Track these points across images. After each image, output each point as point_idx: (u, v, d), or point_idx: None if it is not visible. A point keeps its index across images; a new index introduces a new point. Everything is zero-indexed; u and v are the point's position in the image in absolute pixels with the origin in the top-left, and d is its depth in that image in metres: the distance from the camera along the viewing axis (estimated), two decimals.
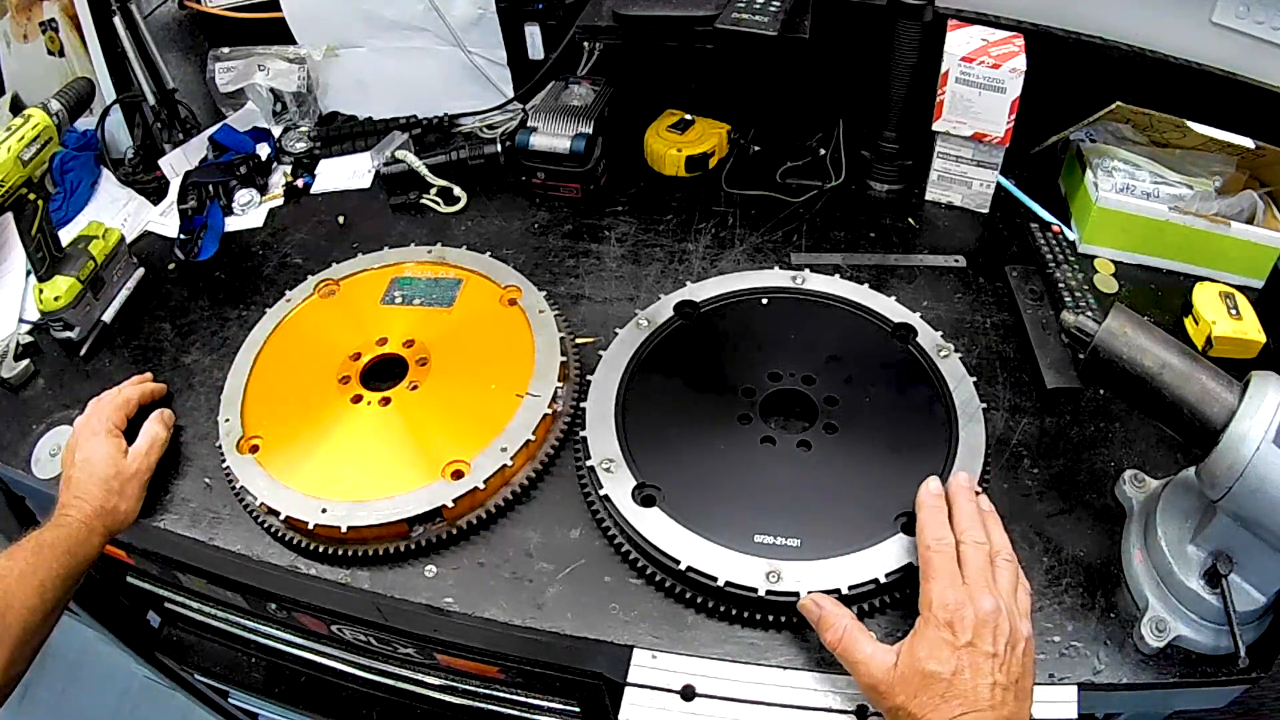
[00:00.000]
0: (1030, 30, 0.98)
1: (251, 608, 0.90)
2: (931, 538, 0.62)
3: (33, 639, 0.67)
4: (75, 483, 0.75)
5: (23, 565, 0.68)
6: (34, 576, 0.67)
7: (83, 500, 0.74)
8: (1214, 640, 0.63)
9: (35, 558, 0.68)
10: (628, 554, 0.70)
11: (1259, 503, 0.55)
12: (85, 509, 0.73)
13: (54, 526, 0.72)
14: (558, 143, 1.03)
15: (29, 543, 0.70)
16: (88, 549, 0.72)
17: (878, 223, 1.01)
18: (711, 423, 0.77)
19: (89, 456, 0.77)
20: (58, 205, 1.09)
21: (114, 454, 0.77)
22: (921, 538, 0.62)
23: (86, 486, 0.75)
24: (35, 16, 1.17)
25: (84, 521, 0.73)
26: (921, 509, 0.65)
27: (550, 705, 0.83)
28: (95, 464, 0.76)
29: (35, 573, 0.68)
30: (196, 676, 1.10)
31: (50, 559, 0.69)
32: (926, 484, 0.66)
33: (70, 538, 0.71)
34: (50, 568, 0.69)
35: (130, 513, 0.76)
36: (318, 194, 1.12)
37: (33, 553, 0.69)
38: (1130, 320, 0.60)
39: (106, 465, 0.76)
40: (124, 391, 0.83)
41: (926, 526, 0.63)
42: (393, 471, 0.74)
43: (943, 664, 0.55)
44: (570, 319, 0.90)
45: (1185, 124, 0.91)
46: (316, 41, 1.19)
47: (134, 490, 0.77)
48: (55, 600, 0.69)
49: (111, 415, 0.80)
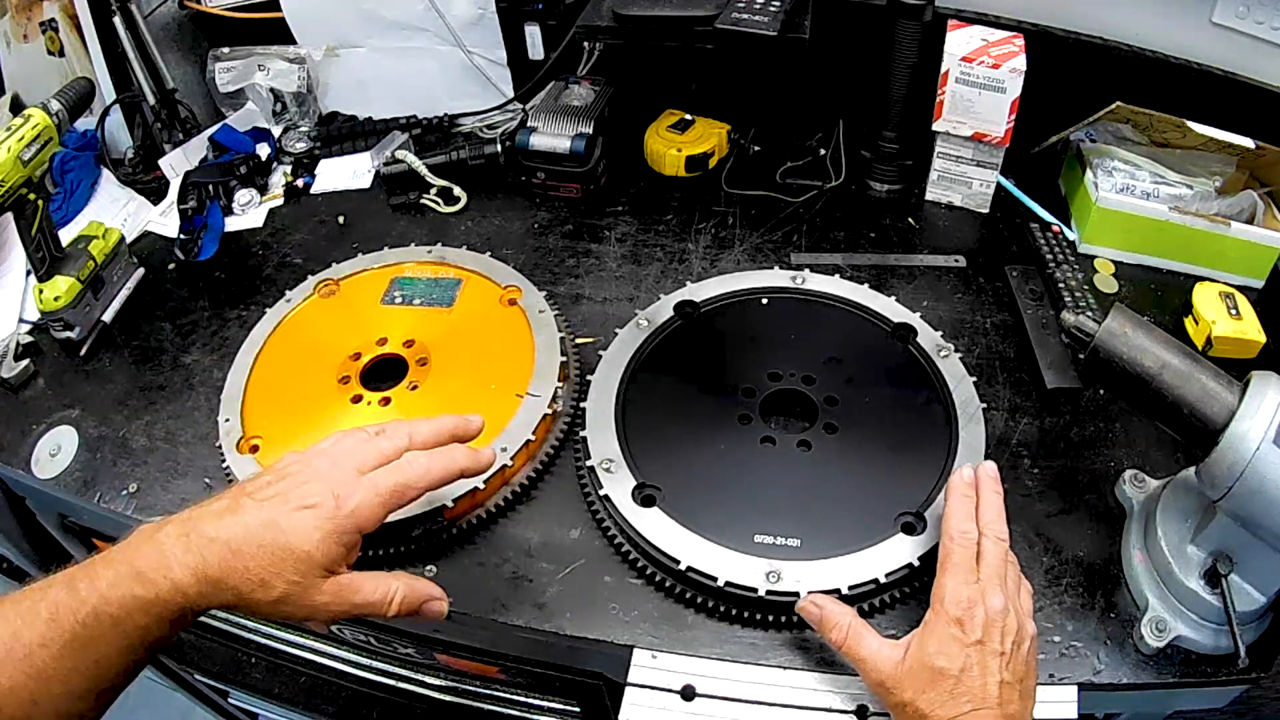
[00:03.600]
0: (1030, 30, 0.98)
1: None
2: (956, 530, 0.61)
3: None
4: (232, 524, 0.52)
5: (67, 638, 0.48)
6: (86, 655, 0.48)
7: (218, 560, 0.51)
8: (1214, 640, 0.63)
9: (90, 631, 0.48)
10: (628, 554, 0.70)
11: (1259, 503, 0.55)
12: (210, 571, 0.50)
13: (134, 579, 0.49)
14: (558, 143, 1.03)
15: (83, 608, 0.48)
16: (171, 628, 0.51)
17: (878, 223, 1.01)
18: (711, 423, 0.77)
19: (305, 508, 0.53)
20: (58, 205, 1.09)
21: (335, 551, 0.54)
22: (946, 526, 0.62)
23: (250, 548, 0.51)
24: (35, 16, 1.17)
25: (188, 591, 0.50)
26: (951, 495, 0.64)
27: (550, 705, 0.83)
28: (300, 533, 0.52)
29: (88, 651, 0.48)
30: (196, 676, 1.10)
31: (113, 635, 0.49)
32: (960, 471, 0.65)
33: (156, 606, 0.50)
34: (111, 646, 0.49)
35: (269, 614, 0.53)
36: (318, 194, 1.12)
37: (87, 623, 0.48)
38: (1130, 320, 0.60)
39: (313, 551, 0.52)
40: (451, 458, 0.59)
41: (953, 516, 0.62)
42: None
43: (951, 660, 0.55)
44: (570, 319, 0.90)
45: (1185, 124, 0.91)
46: (316, 41, 1.19)
47: (292, 610, 0.53)
48: (111, 684, 0.50)
49: (402, 486, 0.57)
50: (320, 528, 0.53)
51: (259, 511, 0.53)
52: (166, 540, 0.51)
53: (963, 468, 0.66)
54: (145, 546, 0.51)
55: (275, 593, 0.52)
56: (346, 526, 0.54)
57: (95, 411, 0.86)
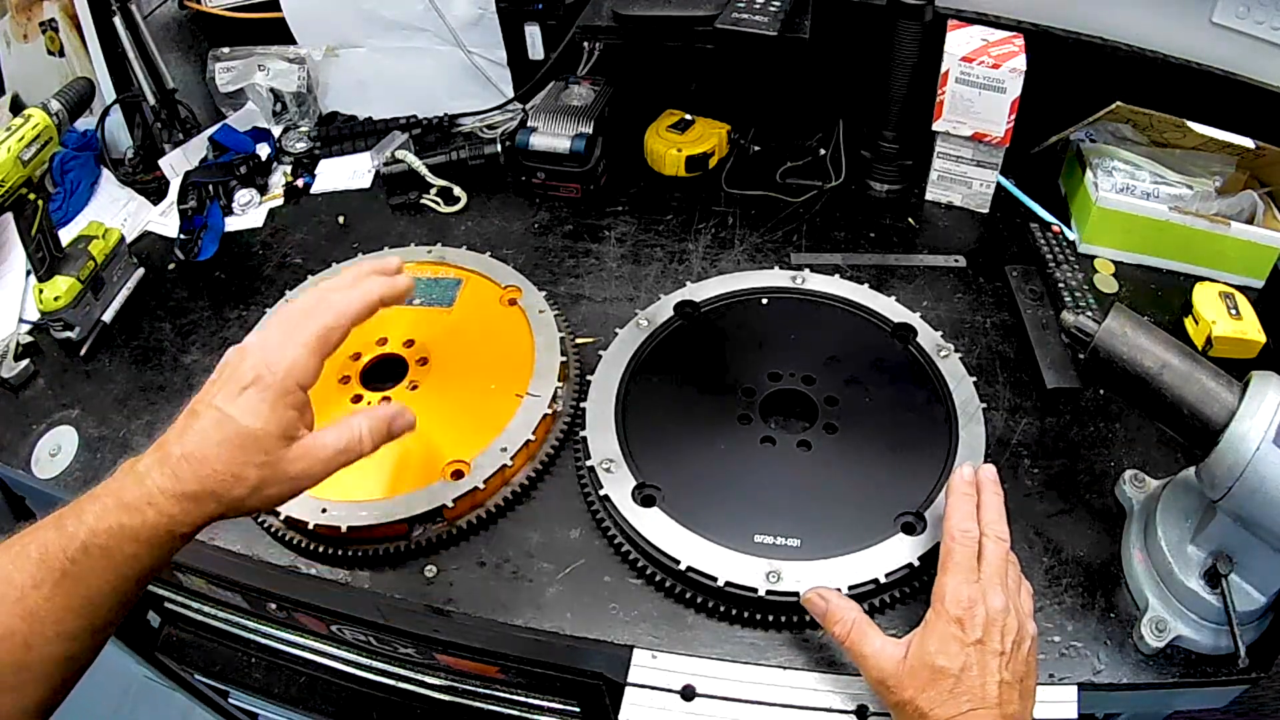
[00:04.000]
0: (1030, 30, 0.98)
1: (251, 608, 0.90)
2: (958, 529, 0.61)
3: (70, 673, 0.50)
4: (191, 434, 0.52)
5: (57, 576, 0.49)
6: (76, 592, 0.49)
7: (190, 473, 0.51)
8: (1214, 640, 0.63)
9: (80, 567, 0.49)
10: (628, 554, 0.70)
11: (1259, 503, 0.55)
12: (186, 487, 0.51)
13: (120, 509, 0.50)
14: (558, 143, 1.03)
15: (72, 543, 0.49)
16: (162, 552, 0.52)
17: (878, 223, 1.01)
18: (711, 423, 0.77)
19: (244, 389, 0.53)
20: (58, 205, 1.09)
21: (285, 415, 0.54)
22: (947, 526, 0.62)
23: (210, 449, 0.52)
24: (35, 16, 1.17)
25: (173, 514, 0.51)
26: (952, 494, 0.64)
27: (550, 705, 0.83)
28: (247, 414, 0.52)
29: (79, 587, 0.49)
30: (196, 676, 1.10)
31: (103, 567, 0.49)
32: (960, 470, 0.65)
33: (144, 532, 0.50)
34: (101, 579, 0.49)
35: (260, 505, 0.54)
36: (318, 194, 1.12)
37: (77, 558, 0.49)
38: (1130, 320, 0.60)
39: (266, 425, 0.52)
40: (366, 288, 0.57)
41: (954, 515, 0.62)
42: (393, 471, 0.74)
43: (952, 660, 0.55)
44: (570, 319, 0.90)
45: (1185, 124, 0.91)
46: (316, 41, 1.19)
47: (277, 491, 0.54)
48: (105, 621, 0.51)
49: (324, 327, 0.55)
50: (264, 399, 0.53)
51: (209, 412, 0.53)
52: (145, 469, 0.52)
53: (962, 467, 0.66)
54: (127, 479, 0.52)
55: (251, 481, 0.52)
56: (287, 387, 0.54)
57: (95, 411, 0.86)
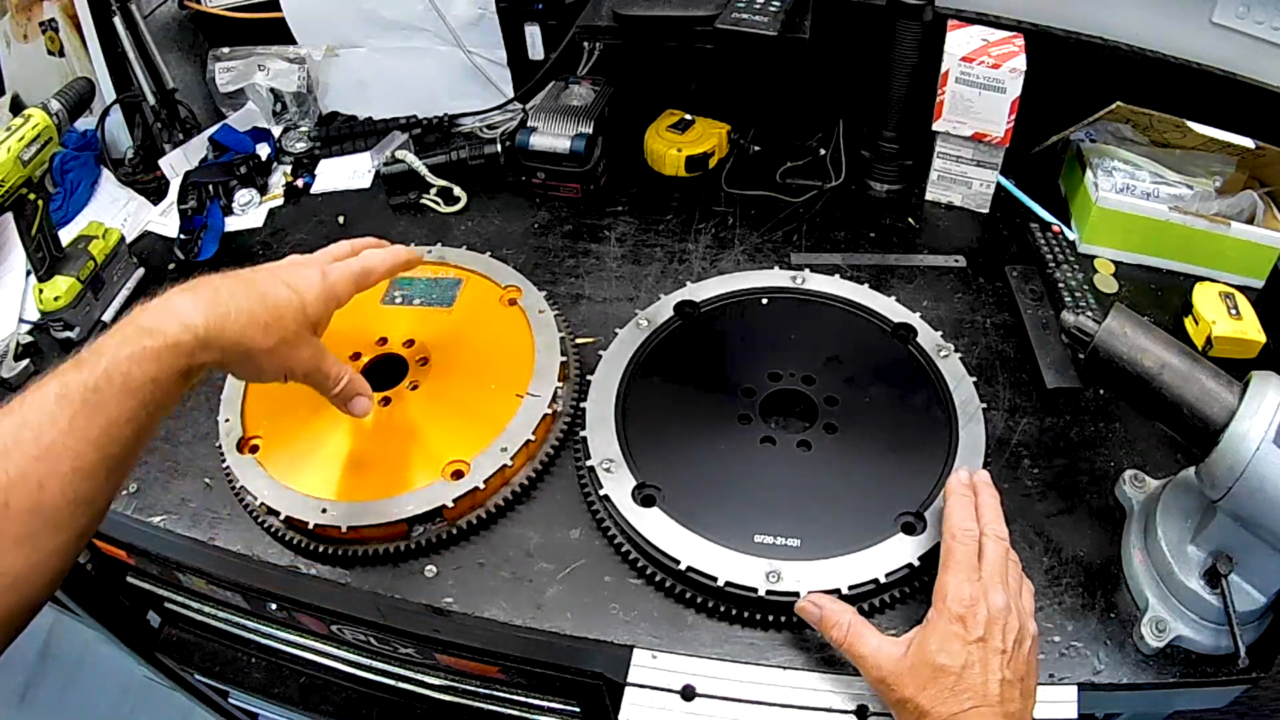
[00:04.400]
0: (1030, 30, 0.98)
1: (251, 608, 0.90)
2: (958, 528, 0.62)
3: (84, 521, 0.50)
4: (238, 281, 0.59)
5: (76, 407, 0.49)
6: (95, 422, 0.49)
7: (221, 309, 0.56)
8: (1214, 640, 0.63)
9: (101, 395, 0.50)
10: (628, 554, 0.70)
11: (1259, 503, 0.55)
12: (211, 315, 0.55)
13: (140, 334, 0.52)
14: (558, 143, 1.03)
15: (93, 374, 0.50)
16: (175, 381, 0.54)
17: (878, 223, 1.01)
18: (711, 423, 0.77)
19: (302, 272, 0.62)
20: (58, 205, 1.09)
21: (322, 308, 0.63)
22: (947, 525, 0.62)
23: (248, 299, 0.58)
24: (35, 16, 1.17)
25: (196, 333, 0.54)
26: (951, 496, 0.64)
27: (550, 705, 0.83)
28: (299, 289, 0.61)
29: (98, 417, 0.50)
30: (196, 676, 1.10)
31: (122, 394, 0.50)
32: (958, 473, 0.66)
33: (165, 354, 0.52)
34: (120, 406, 0.50)
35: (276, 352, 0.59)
36: (318, 194, 1.12)
37: (99, 386, 0.50)
38: (1130, 320, 0.60)
39: (305, 303, 0.61)
40: (366, 260, 0.69)
41: (954, 515, 0.63)
42: (393, 471, 0.74)
43: (953, 658, 0.55)
44: (570, 319, 0.90)
45: (1185, 124, 0.91)
46: (316, 41, 1.19)
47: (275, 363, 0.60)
48: (120, 458, 0.51)
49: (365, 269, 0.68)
50: (315, 284, 0.63)
51: (261, 273, 0.62)
52: (172, 298, 0.56)
53: (959, 470, 0.67)
54: (151, 307, 0.55)
55: (273, 339, 0.59)
56: (334, 292, 0.65)
57: None
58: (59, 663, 1.69)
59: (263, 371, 0.61)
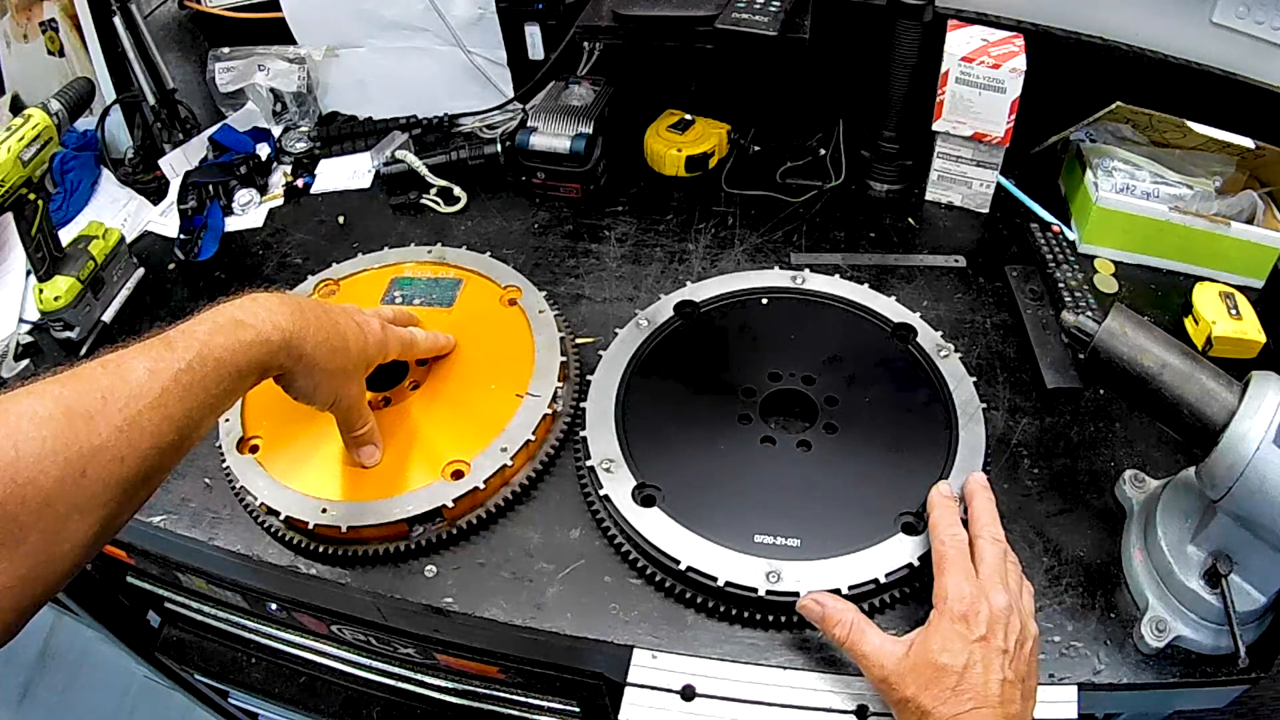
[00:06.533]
0: (1030, 30, 0.98)
1: (251, 608, 0.90)
2: (946, 533, 0.62)
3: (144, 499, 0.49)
4: (320, 308, 0.63)
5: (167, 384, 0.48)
6: (182, 403, 0.49)
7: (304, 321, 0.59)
8: (1214, 640, 0.63)
9: (193, 375, 0.50)
10: (628, 554, 0.70)
11: (1259, 503, 0.55)
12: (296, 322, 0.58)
13: (235, 326, 0.54)
14: (558, 143, 1.03)
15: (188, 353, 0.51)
16: (253, 374, 0.56)
17: (878, 223, 1.01)
18: (711, 423, 0.77)
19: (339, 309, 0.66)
20: (58, 205, 1.09)
21: (379, 354, 0.69)
22: (935, 533, 0.63)
23: (328, 321, 0.62)
24: (35, 16, 1.17)
25: (283, 333, 0.57)
26: (934, 508, 0.65)
27: (550, 705, 0.83)
28: (371, 332, 0.68)
29: (187, 397, 0.49)
30: (196, 676, 1.10)
31: (214, 379, 0.51)
32: (937, 487, 0.67)
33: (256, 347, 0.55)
34: (206, 392, 0.51)
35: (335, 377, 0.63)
36: (318, 194, 1.12)
37: (193, 366, 0.50)
38: (1130, 320, 0.60)
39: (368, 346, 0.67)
40: (414, 334, 0.76)
41: (940, 523, 0.63)
42: (393, 471, 0.74)
43: (955, 657, 0.55)
44: (570, 319, 0.90)
45: (1185, 124, 0.91)
46: (316, 41, 1.19)
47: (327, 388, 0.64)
48: (189, 444, 0.51)
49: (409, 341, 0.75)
50: (377, 332, 0.70)
51: (333, 306, 0.66)
52: (260, 298, 0.59)
53: (938, 484, 0.67)
54: (241, 302, 0.58)
55: (337, 363, 0.63)
56: (386, 346, 0.71)
57: None
58: (59, 662, 1.70)
59: (318, 390, 0.64)
